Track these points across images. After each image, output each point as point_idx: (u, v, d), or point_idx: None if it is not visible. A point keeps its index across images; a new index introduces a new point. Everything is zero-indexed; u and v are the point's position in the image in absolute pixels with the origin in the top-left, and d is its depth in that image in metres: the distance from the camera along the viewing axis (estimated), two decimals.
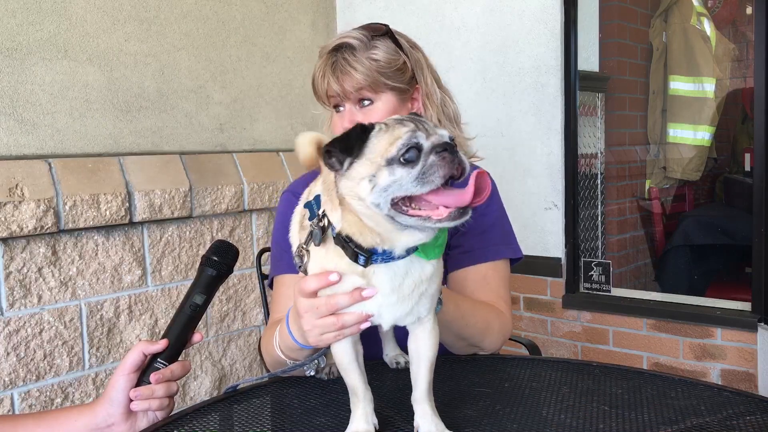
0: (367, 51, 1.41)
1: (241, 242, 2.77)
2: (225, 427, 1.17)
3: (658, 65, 4.02)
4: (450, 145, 0.88)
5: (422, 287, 0.98)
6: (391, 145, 0.88)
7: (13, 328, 2.10)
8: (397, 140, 0.88)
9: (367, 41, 1.42)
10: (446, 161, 0.86)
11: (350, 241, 0.94)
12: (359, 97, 1.43)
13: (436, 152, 0.87)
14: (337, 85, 1.42)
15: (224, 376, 2.74)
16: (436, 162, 0.86)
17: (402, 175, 0.87)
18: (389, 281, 0.96)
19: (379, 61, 1.41)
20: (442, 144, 0.88)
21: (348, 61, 1.41)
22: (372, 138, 0.91)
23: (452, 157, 0.87)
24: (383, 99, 1.43)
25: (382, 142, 0.89)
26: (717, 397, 1.18)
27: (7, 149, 2.16)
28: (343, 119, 1.45)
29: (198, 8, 2.71)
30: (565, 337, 2.89)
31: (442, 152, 0.87)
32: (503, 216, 1.58)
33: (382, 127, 0.92)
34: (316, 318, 1.02)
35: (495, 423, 1.09)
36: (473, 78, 3.01)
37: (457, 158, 0.87)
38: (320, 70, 1.45)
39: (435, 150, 0.87)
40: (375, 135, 0.91)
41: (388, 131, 0.90)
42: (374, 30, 1.45)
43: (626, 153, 3.92)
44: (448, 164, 0.86)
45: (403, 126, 0.90)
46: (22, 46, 2.19)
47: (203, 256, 1.24)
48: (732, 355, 2.48)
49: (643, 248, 3.99)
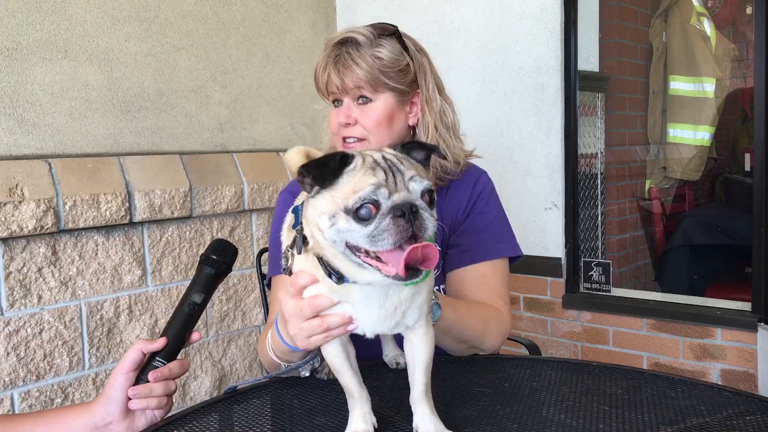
0: (371, 48, 1.41)
1: (241, 242, 2.77)
2: (225, 427, 1.17)
3: (658, 65, 4.02)
4: (411, 208, 0.85)
5: (405, 305, 0.98)
6: (353, 193, 0.86)
7: (13, 328, 2.10)
8: (359, 191, 0.86)
9: (373, 38, 1.42)
10: (399, 228, 0.84)
11: (321, 259, 0.95)
12: (358, 94, 1.43)
13: (393, 215, 0.84)
14: (338, 79, 1.41)
15: (224, 376, 2.74)
16: (388, 227, 0.84)
17: (355, 228, 0.86)
18: (365, 299, 0.97)
19: (383, 60, 1.41)
20: (401, 206, 0.85)
21: (351, 56, 1.41)
22: (344, 174, 0.89)
23: (407, 226, 0.84)
24: (382, 99, 1.43)
25: (348, 185, 0.88)
26: (717, 397, 1.18)
27: (7, 149, 2.16)
28: (339, 114, 1.44)
29: (198, 8, 2.71)
30: (565, 337, 2.89)
31: (398, 217, 0.84)
32: (501, 215, 1.57)
33: (358, 164, 0.90)
34: (301, 321, 1.02)
35: (495, 423, 1.09)
36: (473, 78, 3.01)
37: (417, 223, 0.85)
38: (322, 62, 1.45)
39: (393, 212, 0.85)
40: (348, 172, 0.89)
41: (357, 175, 0.88)
42: (382, 29, 1.44)
43: (626, 153, 3.92)
44: (400, 231, 0.84)
45: (372, 175, 0.87)
46: (22, 46, 2.19)
47: (202, 255, 1.24)
48: (732, 355, 2.48)
49: (643, 248, 3.99)
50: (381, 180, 0.87)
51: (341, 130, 1.44)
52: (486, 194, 1.54)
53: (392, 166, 0.89)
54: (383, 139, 1.44)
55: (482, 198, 1.53)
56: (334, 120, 1.46)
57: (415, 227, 0.85)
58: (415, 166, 0.93)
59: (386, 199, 0.86)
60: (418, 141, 0.94)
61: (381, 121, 1.43)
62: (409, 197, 0.87)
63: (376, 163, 0.89)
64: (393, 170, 0.88)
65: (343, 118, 1.43)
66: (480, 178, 1.56)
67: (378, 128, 1.43)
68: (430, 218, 0.87)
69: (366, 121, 1.43)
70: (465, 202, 1.52)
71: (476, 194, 1.53)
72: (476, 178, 1.56)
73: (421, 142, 0.94)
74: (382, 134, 1.44)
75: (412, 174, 0.89)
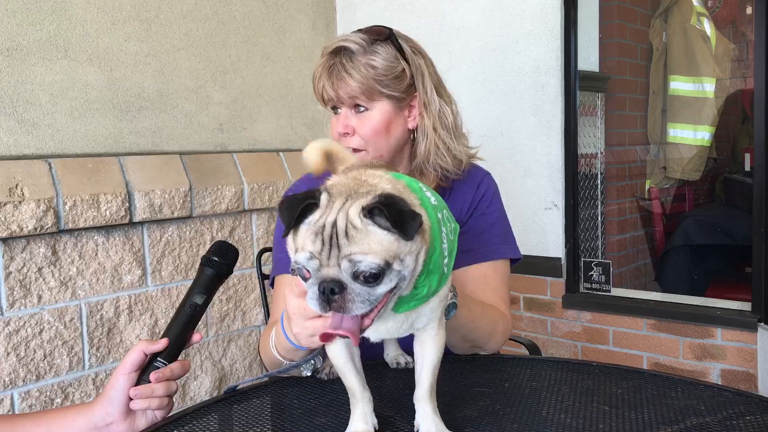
0: (365, 56, 1.41)
1: (241, 242, 2.77)
2: (225, 427, 1.17)
3: (658, 65, 4.02)
4: (332, 289, 0.83)
5: (413, 316, 0.97)
6: (296, 251, 0.87)
7: (13, 328, 2.10)
8: (299, 253, 0.86)
9: (366, 46, 1.41)
10: (320, 301, 0.84)
11: None
12: (354, 104, 1.43)
13: (319, 287, 0.84)
14: (332, 90, 1.42)
15: (224, 376, 2.74)
16: (314, 296, 0.85)
17: (301, 280, 0.89)
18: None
19: (377, 69, 1.40)
20: (323, 283, 0.84)
21: (344, 67, 1.40)
22: (303, 223, 0.88)
23: (324, 304, 0.84)
24: (378, 107, 1.43)
25: (298, 238, 0.88)
26: (717, 397, 1.18)
27: (7, 149, 2.16)
28: (338, 124, 1.45)
29: (198, 8, 2.71)
30: (565, 337, 2.89)
31: (321, 293, 0.84)
32: (504, 216, 1.58)
33: (313, 219, 0.87)
34: (304, 320, 1.03)
35: (495, 423, 1.09)
36: (473, 78, 3.01)
37: (337, 303, 0.84)
38: (318, 71, 1.45)
39: (318, 285, 0.84)
40: (305, 223, 0.88)
41: (306, 233, 0.87)
42: (377, 33, 1.44)
43: (626, 153, 3.92)
44: (322, 304, 0.85)
45: (312, 242, 0.85)
46: (22, 46, 2.19)
47: (203, 257, 1.25)
48: (732, 355, 2.48)
49: (643, 248, 3.99)
50: (316, 251, 0.85)
51: (341, 139, 1.45)
52: (489, 195, 1.55)
53: (332, 237, 0.85)
54: (381, 147, 1.44)
55: (485, 199, 1.54)
56: (334, 129, 1.47)
57: (335, 305, 0.84)
58: (366, 239, 0.84)
59: (316, 271, 0.85)
60: (386, 206, 0.84)
61: (378, 129, 1.43)
62: (335, 275, 0.84)
63: (322, 229, 0.86)
64: (332, 243, 0.85)
65: (341, 128, 1.44)
66: (484, 180, 1.56)
67: (375, 137, 1.43)
68: (358, 298, 0.84)
69: (363, 131, 1.43)
70: (468, 203, 1.53)
71: (480, 195, 1.53)
72: (480, 180, 1.56)
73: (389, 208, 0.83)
74: (380, 143, 1.44)
75: (350, 252, 0.83)
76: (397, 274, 0.86)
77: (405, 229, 0.84)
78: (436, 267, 0.93)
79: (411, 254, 0.87)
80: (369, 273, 0.83)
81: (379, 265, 0.83)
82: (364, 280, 0.84)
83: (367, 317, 0.87)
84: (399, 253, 0.85)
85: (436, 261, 0.93)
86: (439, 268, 0.94)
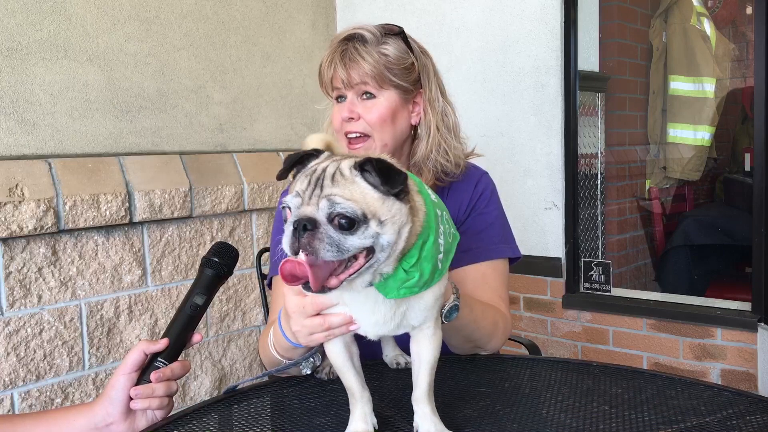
0: (378, 45, 1.43)
1: (241, 242, 2.77)
2: (225, 427, 1.17)
3: (658, 65, 4.02)
4: (305, 225, 0.83)
5: (404, 307, 0.97)
6: (289, 193, 0.90)
7: (13, 328, 2.10)
8: (290, 194, 0.89)
9: (379, 36, 1.44)
10: (289, 240, 0.84)
11: None
12: (363, 90, 1.44)
13: (292, 226, 0.84)
14: (344, 72, 1.42)
15: (224, 376, 2.74)
16: (288, 233, 0.85)
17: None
18: (357, 303, 0.97)
19: (388, 57, 1.42)
20: (298, 220, 0.84)
21: (358, 51, 1.42)
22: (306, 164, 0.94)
23: (294, 243, 0.84)
24: (386, 95, 1.44)
25: (294, 183, 0.92)
26: (717, 397, 1.18)
27: (7, 149, 2.16)
28: (342, 109, 1.45)
29: (198, 8, 2.71)
30: (565, 337, 2.89)
31: (294, 229, 0.84)
32: (502, 216, 1.58)
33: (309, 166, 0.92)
34: (303, 318, 1.03)
35: (495, 423, 1.09)
36: (473, 78, 3.01)
37: (305, 240, 0.83)
38: (328, 57, 1.46)
39: (294, 223, 0.84)
40: (302, 171, 0.92)
41: (300, 176, 0.91)
42: (388, 29, 1.47)
43: (626, 153, 3.92)
44: (289, 243, 0.84)
45: (300, 182, 0.89)
46: (22, 46, 2.19)
47: (204, 257, 1.25)
48: (732, 355, 2.48)
49: (643, 248, 3.99)
50: (301, 189, 0.87)
51: (344, 125, 1.45)
52: (487, 195, 1.55)
53: (319, 179, 0.87)
54: (386, 135, 1.44)
55: (483, 199, 1.54)
56: (337, 115, 1.46)
57: (303, 242, 0.83)
58: (351, 187, 0.86)
59: (296, 209, 0.86)
60: (377, 162, 0.86)
61: (384, 117, 1.43)
62: (311, 213, 0.84)
63: (313, 172, 0.88)
64: (317, 184, 0.86)
65: (346, 112, 1.44)
66: (481, 179, 1.57)
67: (381, 124, 1.44)
68: (327, 240, 0.83)
69: (369, 117, 1.43)
70: (466, 203, 1.53)
71: (477, 195, 1.54)
72: (477, 179, 1.56)
73: (379, 164, 0.86)
74: (385, 131, 1.44)
75: (331, 192, 0.84)
76: (373, 234, 0.85)
77: (390, 181, 0.86)
78: (430, 255, 0.93)
79: (393, 222, 0.87)
80: (344, 216, 0.83)
81: (356, 211, 0.84)
82: (339, 225, 0.84)
83: (335, 276, 0.86)
84: (379, 213, 0.86)
85: (430, 249, 0.93)
86: (433, 259, 0.94)
